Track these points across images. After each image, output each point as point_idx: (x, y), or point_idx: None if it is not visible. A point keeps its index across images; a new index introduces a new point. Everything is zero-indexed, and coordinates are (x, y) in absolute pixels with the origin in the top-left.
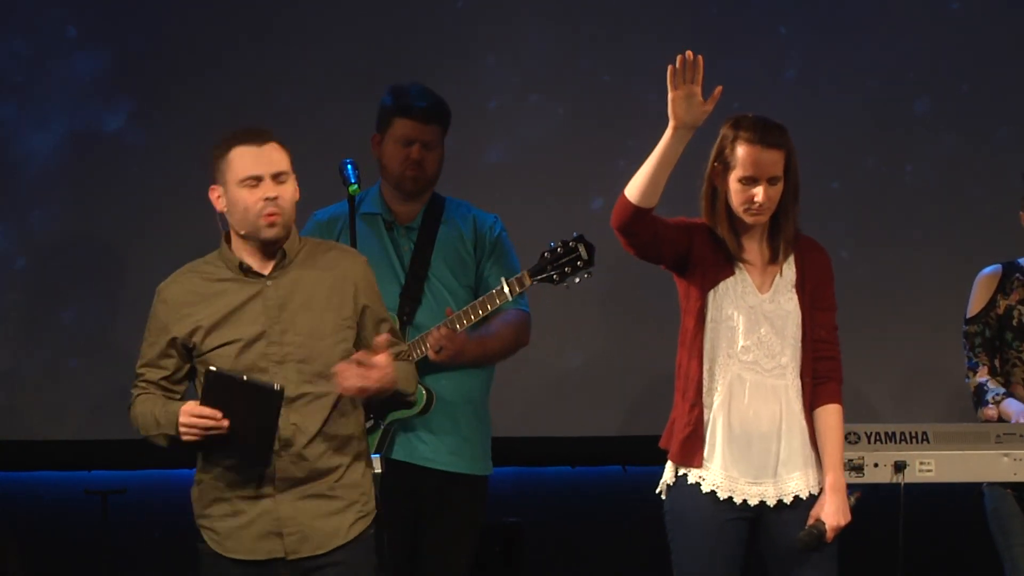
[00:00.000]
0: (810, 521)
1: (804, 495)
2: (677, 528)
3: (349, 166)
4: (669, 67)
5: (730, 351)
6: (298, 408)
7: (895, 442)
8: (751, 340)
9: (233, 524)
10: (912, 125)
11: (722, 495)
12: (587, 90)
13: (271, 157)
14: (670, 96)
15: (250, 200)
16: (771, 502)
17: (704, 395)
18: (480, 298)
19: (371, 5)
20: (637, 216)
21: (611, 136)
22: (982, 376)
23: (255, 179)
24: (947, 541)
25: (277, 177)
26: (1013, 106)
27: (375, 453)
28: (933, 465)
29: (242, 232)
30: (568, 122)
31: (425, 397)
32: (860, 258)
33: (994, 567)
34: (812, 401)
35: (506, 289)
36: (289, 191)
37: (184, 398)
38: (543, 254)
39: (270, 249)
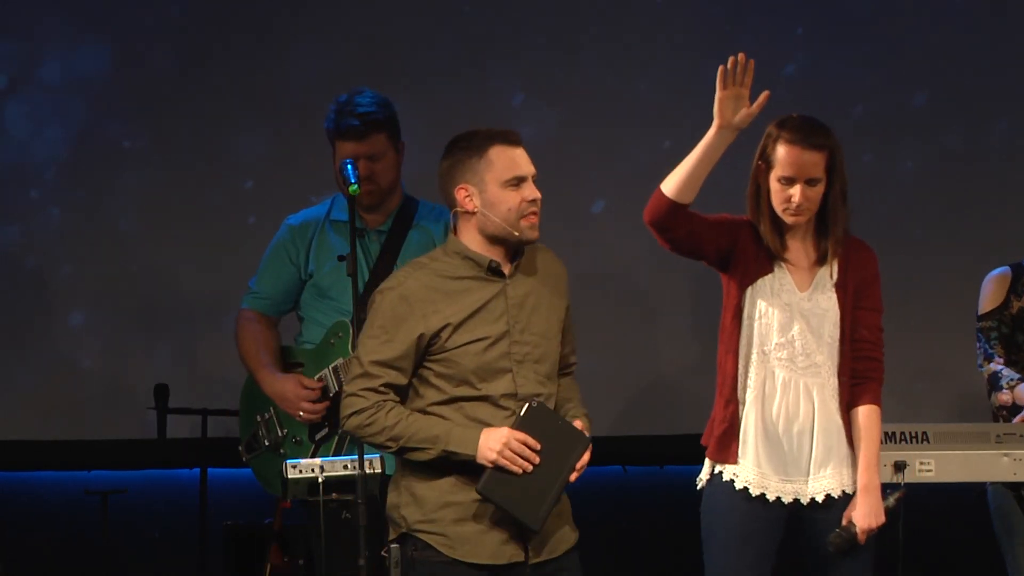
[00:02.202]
0: (843, 522)
1: (836, 494)
2: (710, 524)
3: (349, 166)
4: (720, 67)
5: (764, 348)
6: None
7: (895, 442)
8: (785, 338)
9: (471, 529)
10: (912, 121)
11: (754, 492)
12: (589, 93)
13: (528, 159)
14: (718, 96)
15: (514, 201)
16: (804, 500)
17: (739, 392)
18: None
19: (373, 8)
20: (672, 212)
21: (612, 139)
22: (997, 364)
23: (520, 179)
24: (947, 541)
25: (534, 179)
26: (1014, 101)
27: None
28: (933, 465)
29: (496, 232)
30: (569, 125)
31: None
32: None
33: (994, 567)
34: (850, 401)
35: None
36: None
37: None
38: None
39: (515, 250)
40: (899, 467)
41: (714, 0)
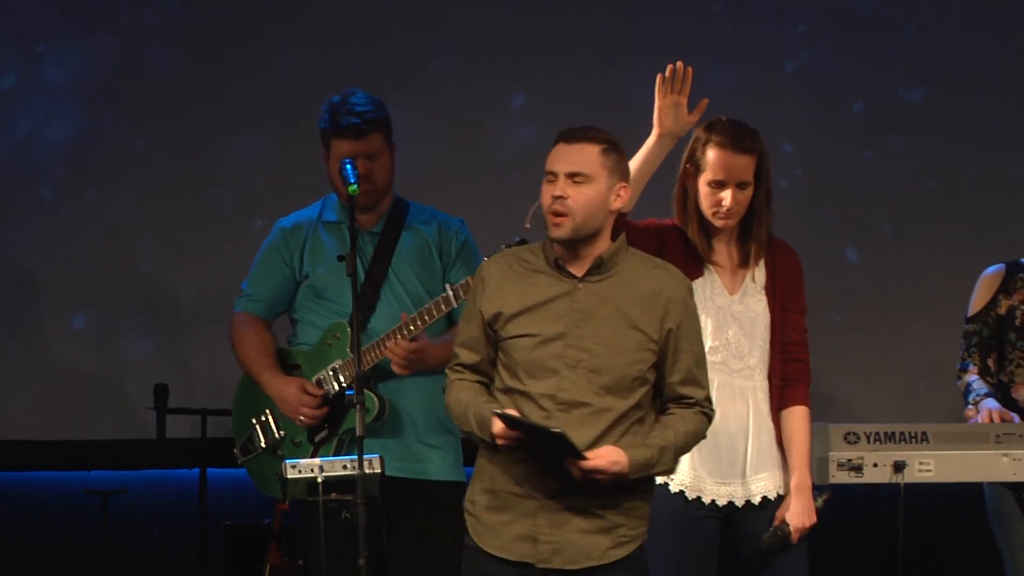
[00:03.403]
0: (776, 522)
1: (772, 496)
2: (649, 527)
3: (348, 166)
4: (658, 76)
5: None
6: (575, 416)
7: (895, 442)
8: (719, 341)
9: (496, 519)
10: (911, 117)
11: (690, 495)
12: (589, 94)
13: (573, 156)
14: (657, 104)
15: (545, 196)
16: (739, 503)
17: None
18: (427, 304)
19: (376, 10)
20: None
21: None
22: (971, 376)
23: (551, 175)
24: (947, 541)
25: (573, 177)
26: (1013, 97)
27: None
28: (933, 465)
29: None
30: (567, 126)
31: (378, 405)
32: (863, 257)
33: (994, 567)
34: (780, 403)
35: (451, 294)
36: (585, 194)
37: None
38: (484, 259)
39: (580, 251)
40: (899, 467)
41: None
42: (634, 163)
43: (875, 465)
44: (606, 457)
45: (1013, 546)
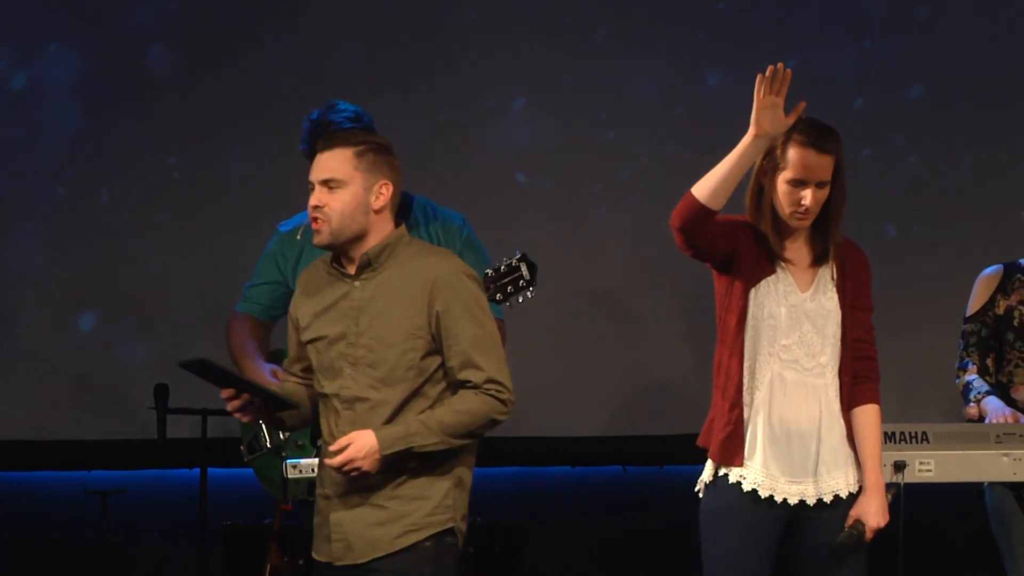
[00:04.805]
0: (849, 521)
1: (844, 494)
2: (714, 526)
3: None
4: (759, 76)
5: (771, 349)
6: (358, 412)
7: (895, 442)
8: (792, 338)
9: (314, 523)
10: (911, 114)
11: (763, 494)
12: (589, 96)
13: (325, 164)
14: (756, 105)
15: (308, 205)
16: (811, 501)
17: (744, 393)
18: None
19: (375, 11)
20: (702, 216)
21: (614, 144)
22: (970, 375)
23: (310, 184)
24: (947, 541)
25: (326, 183)
26: (1013, 94)
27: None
28: (933, 465)
29: None
30: (570, 130)
31: None
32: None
33: (994, 567)
34: (850, 400)
35: None
36: (341, 199)
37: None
38: (486, 273)
39: (350, 252)
40: (899, 467)
41: None
42: (727, 162)
43: None
44: (350, 441)
45: (1013, 546)
